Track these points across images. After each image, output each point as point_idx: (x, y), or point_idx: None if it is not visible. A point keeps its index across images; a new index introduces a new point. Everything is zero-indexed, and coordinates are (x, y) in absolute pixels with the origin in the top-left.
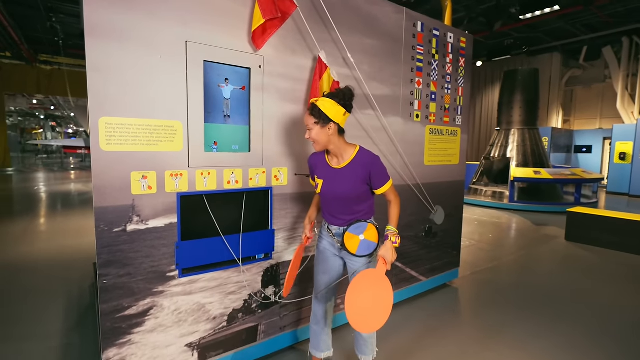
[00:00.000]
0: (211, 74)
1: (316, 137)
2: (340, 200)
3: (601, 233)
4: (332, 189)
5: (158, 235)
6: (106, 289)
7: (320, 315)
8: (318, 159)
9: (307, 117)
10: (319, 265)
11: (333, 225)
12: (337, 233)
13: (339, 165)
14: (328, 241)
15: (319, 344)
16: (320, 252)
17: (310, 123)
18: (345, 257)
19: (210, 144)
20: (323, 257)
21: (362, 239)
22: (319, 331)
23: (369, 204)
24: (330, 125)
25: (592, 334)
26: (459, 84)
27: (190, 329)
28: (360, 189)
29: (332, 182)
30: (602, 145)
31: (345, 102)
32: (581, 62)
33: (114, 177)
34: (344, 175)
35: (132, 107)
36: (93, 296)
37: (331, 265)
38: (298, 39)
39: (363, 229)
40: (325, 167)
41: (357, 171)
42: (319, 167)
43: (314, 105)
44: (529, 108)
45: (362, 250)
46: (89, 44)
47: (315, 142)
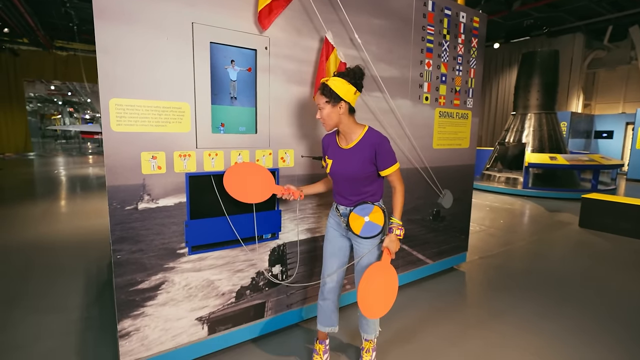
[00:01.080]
0: (217, 56)
1: (327, 116)
2: (348, 180)
3: (615, 219)
4: (340, 168)
5: (168, 213)
6: (120, 263)
7: (327, 293)
8: (330, 139)
9: (319, 97)
10: (327, 245)
11: (341, 205)
12: (344, 213)
13: (347, 145)
14: (335, 220)
15: (325, 319)
16: (328, 231)
17: (322, 102)
18: (351, 238)
19: (218, 125)
20: (330, 237)
21: (367, 221)
22: (326, 307)
23: (376, 186)
24: (341, 104)
25: (600, 318)
26: (470, 66)
27: (200, 304)
28: (368, 169)
29: (341, 162)
30: (625, 130)
31: (355, 81)
32: (605, 43)
33: (125, 157)
34: (352, 155)
35: (140, 89)
36: (111, 273)
37: (339, 246)
38: (304, 19)
39: (369, 211)
40: (335, 147)
41: (365, 150)
42: (330, 147)
43: (325, 85)
44: (547, 91)
45: (365, 231)
46: (98, 26)
47: (325, 122)
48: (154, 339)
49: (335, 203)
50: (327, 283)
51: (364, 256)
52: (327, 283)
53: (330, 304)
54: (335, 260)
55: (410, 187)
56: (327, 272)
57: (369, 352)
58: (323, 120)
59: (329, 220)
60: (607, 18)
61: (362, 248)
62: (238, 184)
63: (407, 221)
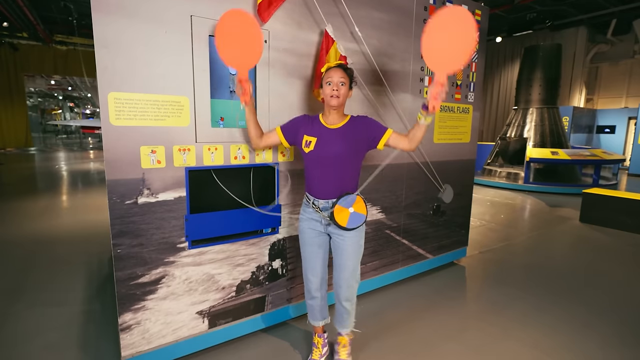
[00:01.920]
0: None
1: (343, 95)
2: (332, 162)
3: (616, 214)
4: (326, 147)
5: (168, 208)
6: (120, 257)
7: (314, 292)
8: (311, 118)
9: (341, 72)
10: (307, 248)
11: (321, 199)
12: (325, 207)
13: (335, 125)
14: (312, 218)
15: (316, 315)
16: (305, 232)
17: (345, 79)
18: (332, 232)
19: (217, 119)
20: (308, 238)
21: (352, 212)
22: (315, 304)
23: (356, 173)
24: (351, 91)
25: (599, 312)
26: (472, 59)
27: (200, 298)
28: (356, 149)
29: (327, 140)
30: (627, 125)
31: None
32: (609, 37)
33: (124, 151)
34: (340, 134)
35: (139, 83)
36: (111, 267)
37: (319, 244)
38: (304, 12)
39: (352, 201)
40: (320, 126)
41: (356, 128)
42: (312, 126)
43: (349, 68)
44: (550, 86)
45: (352, 222)
46: (96, 20)
47: (340, 98)
48: (155, 332)
49: (312, 198)
50: (312, 282)
51: (348, 247)
52: (312, 282)
53: (319, 301)
54: (317, 260)
55: (410, 181)
56: (311, 272)
57: (346, 347)
58: (339, 95)
59: (302, 222)
60: (610, 11)
61: (346, 240)
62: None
63: (407, 215)
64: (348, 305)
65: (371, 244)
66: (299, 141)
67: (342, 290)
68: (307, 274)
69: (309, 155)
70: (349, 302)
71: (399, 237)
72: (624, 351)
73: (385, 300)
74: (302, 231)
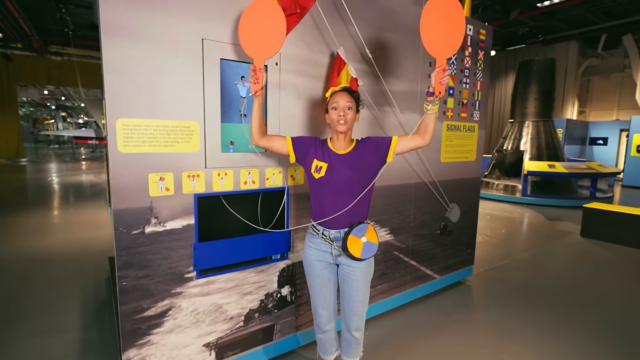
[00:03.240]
0: (228, 72)
1: (351, 120)
2: (344, 187)
3: (618, 229)
4: (338, 173)
5: (176, 237)
6: (126, 290)
7: (325, 325)
8: (320, 141)
9: (346, 96)
10: (313, 279)
11: (331, 229)
12: (336, 237)
13: (343, 150)
14: (320, 250)
15: (327, 348)
16: (312, 264)
17: (352, 104)
18: (342, 262)
19: (227, 144)
20: (317, 271)
21: (365, 241)
22: (326, 338)
23: (368, 200)
24: (358, 115)
25: (608, 338)
26: (477, 78)
27: (207, 329)
28: (366, 174)
29: (339, 166)
30: (619, 137)
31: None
32: (599, 51)
33: (132, 179)
34: (350, 159)
35: (149, 108)
36: (109, 290)
37: (327, 277)
38: (315, 34)
39: (365, 231)
40: (329, 151)
41: (364, 151)
42: (323, 151)
43: (355, 92)
44: (545, 99)
45: (365, 253)
46: (105, 44)
47: (347, 123)
48: None
49: (322, 229)
50: (323, 315)
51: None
52: (323, 315)
53: (330, 334)
54: (328, 293)
55: (418, 201)
56: (321, 305)
57: None
58: (346, 120)
59: (308, 253)
60: (601, 27)
61: (356, 271)
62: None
63: (415, 236)
64: (358, 335)
65: (380, 267)
66: (308, 164)
67: (352, 321)
68: (316, 308)
69: (319, 181)
70: (358, 331)
71: (407, 258)
72: None
73: (394, 324)
74: (309, 263)
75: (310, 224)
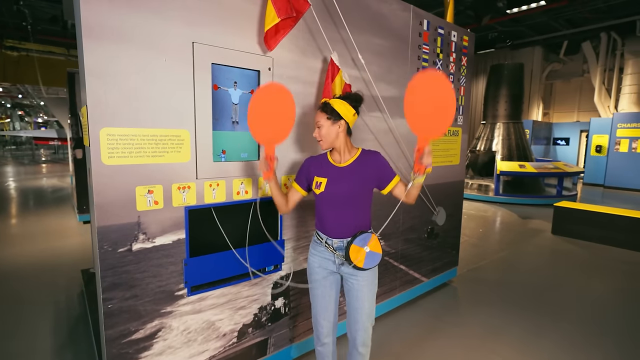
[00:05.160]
0: (219, 78)
1: (326, 133)
2: (344, 200)
3: (586, 227)
4: (338, 187)
5: (165, 253)
6: (111, 313)
7: (325, 337)
8: (318, 159)
9: (319, 114)
10: (318, 288)
11: (335, 238)
12: (339, 247)
13: (343, 163)
14: (323, 257)
15: None
16: (315, 271)
17: (322, 119)
18: (344, 272)
19: (219, 152)
20: (320, 279)
21: (368, 251)
22: (326, 352)
23: (368, 209)
24: (340, 123)
25: (590, 332)
26: (461, 84)
27: (199, 349)
28: (366, 186)
29: (338, 180)
30: (579, 137)
31: (355, 104)
32: (561, 57)
33: (118, 193)
34: (350, 171)
35: (135, 116)
36: (82, 305)
37: (330, 284)
38: (308, 39)
39: (367, 240)
40: (329, 165)
41: (364, 166)
42: (321, 167)
43: (327, 103)
44: (514, 102)
45: (368, 262)
46: (87, 47)
47: (323, 140)
48: None
49: (325, 237)
50: (323, 326)
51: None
52: (323, 326)
53: (329, 347)
54: (329, 302)
55: (406, 206)
56: (322, 315)
57: None
58: (321, 137)
59: (312, 260)
60: (562, 34)
61: (360, 280)
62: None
63: (404, 240)
64: (364, 350)
65: None
66: (311, 184)
67: (358, 335)
68: (317, 318)
69: (320, 196)
70: (365, 346)
71: (396, 262)
72: None
73: (386, 330)
74: (312, 269)
75: (315, 231)
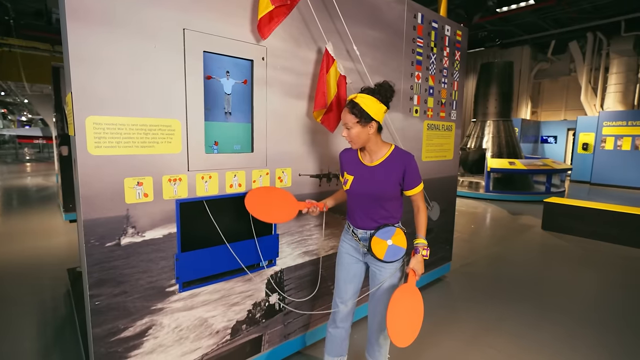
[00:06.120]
0: (211, 67)
1: (356, 136)
2: (370, 199)
3: (574, 222)
4: (363, 187)
5: (156, 247)
6: (99, 310)
7: (340, 321)
8: (350, 154)
9: (347, 115)
10: (341, 271)
11: (360, 229)
12: (363, 237)
13: (372, 162)
14: (351, 245)
15: (335, 349)
16: (342, 256)
17: (351, 122)
18: (370, 262)
19: (211, 144)
20: (345, 263)
21: (390, 244)
22: (337, 335)
23: (397, 206)
24: (371, 124)
25: (583, 322)
26: (454, 78)
27: (191, 346)
28: (393, 189)
29: (364, 179)
30: (566, 135)
31: (387, 100)
32: (549, 56)
33: (105, 185)
34: (377, 172)
35: (124, 105)
36: (69, 305)
37: (354, 272)
38: (302, 28)
39: (391, 234)
40: (358, 164)
41: (393, 169)
42: (351, 164)
43: (355, 103)
44: (504, 100)
45: (389, 255)
46: (71, 31)
47: (353, 141)
48: None
49: (352, 226)
50: (341, 310)
51: (386, 281)
52: (341, 310)
53: (343, 332)
54: (350, 287)
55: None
56: (341, 299)
57: None
58: (351, 139)
59: (342, 245)
60: (550, 33)
61: (383, 272)
62: (261, 206)
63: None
64: (383, 342)
65: None
66: None
67: (374, 322)
68: (336, 301)
69: (347, 192)
70: (385, 338)
71: None
72: None
73: None
74: (340, 254)
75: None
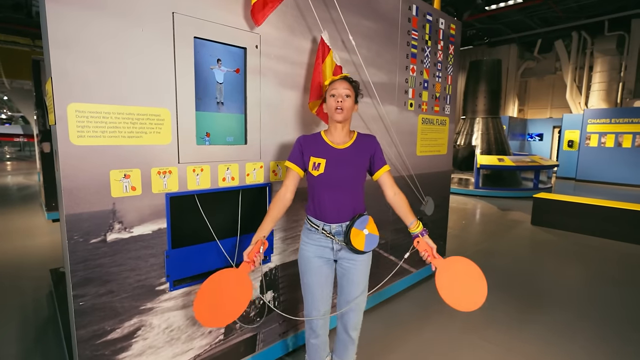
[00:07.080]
0: (202, 54)
1: (348, 108)
2: (343, 183)
3: (564, 217)
4: (338, 169)
5: (144, 244)
6: (83, 311)
7: (320, 329)
8: (313, 138)
9: (344, 83)
10: (312, 277)
11: (332, 223)
12: (338, 232)
13: (343, 145)
14: (320, 245)
15: (320, 354)
16: (310, 261)
17: (348, 92)
18: (342, 258)
19: (203, 135)
20: (315, 267)
21: (367, 233)
22: (319, 344)
23: (362, 193)
24: (356, 106)
25: (575, 314)
26: (448, 72)
27: (183, 347)
28: (363, 169)
29: (338, 162)
30: (552, 133)
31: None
32: (535, 54)
33: (89, 178)
34: (350, 154)
35: (109, 92)
36: (52, 307)
37: (326, 274)
38: (296, 16)
39: (366, 223)
40: (326, 146)
41: (363, 149)
42: (317, 146)
43: (353, 80)
44: (492, 98)
45: (368, 245)
46: (51, 12)
47: (344, 112)
48: None
49: (322, 223)
50: (319, 320)
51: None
52: (319, 320)
53: (323, 338)
54: (326, 291)
55: None
56: (317, 307)
57: None
58: (343, 108)
59: (306, 249)
60: (537, 32)
61: (357, 265)
62: (216, 308)
63: (394, 231)
64: (355, 335)
65: None
66: (307, 164)
67: (350, 318)
68: (311, 311)
69: (319, 178)
70: (356, 330)
71: (386, 253)
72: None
73: (379, 320)
74: (306, 260)
75: (306, 219)
